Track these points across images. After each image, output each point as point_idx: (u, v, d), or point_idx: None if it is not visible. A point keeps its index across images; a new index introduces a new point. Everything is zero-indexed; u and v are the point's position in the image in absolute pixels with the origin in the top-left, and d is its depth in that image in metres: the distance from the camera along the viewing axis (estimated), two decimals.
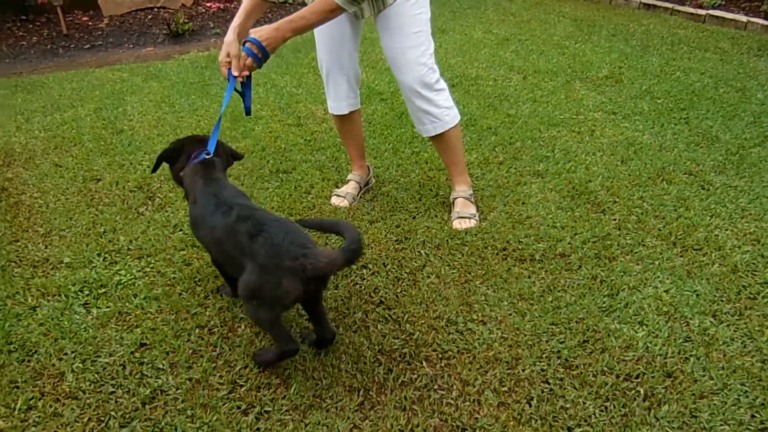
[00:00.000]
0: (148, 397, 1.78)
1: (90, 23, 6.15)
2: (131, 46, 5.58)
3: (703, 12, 5.85)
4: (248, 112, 2.25)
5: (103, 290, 2.24)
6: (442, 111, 2.50)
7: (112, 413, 1.73)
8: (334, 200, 2.82)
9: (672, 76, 4.36)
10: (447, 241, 2.51)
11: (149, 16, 6.31)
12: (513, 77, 4.44)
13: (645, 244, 2.46)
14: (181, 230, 2.61)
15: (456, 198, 2.69)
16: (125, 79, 4.58)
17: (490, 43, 5.31)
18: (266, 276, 1.67)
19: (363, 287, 2.26)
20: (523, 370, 1.85)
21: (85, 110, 3.92)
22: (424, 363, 1.89)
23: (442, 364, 1.89)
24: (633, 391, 1.77)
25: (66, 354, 1.94)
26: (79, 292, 2.22)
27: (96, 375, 1.86)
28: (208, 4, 6.64)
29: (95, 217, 2.72)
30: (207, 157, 2.03)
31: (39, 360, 1.92)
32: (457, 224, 2.60)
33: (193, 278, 2.30)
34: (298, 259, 1.63)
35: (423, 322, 2.07)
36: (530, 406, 1.73)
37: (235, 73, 2.12)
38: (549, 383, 1.80)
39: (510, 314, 2.09)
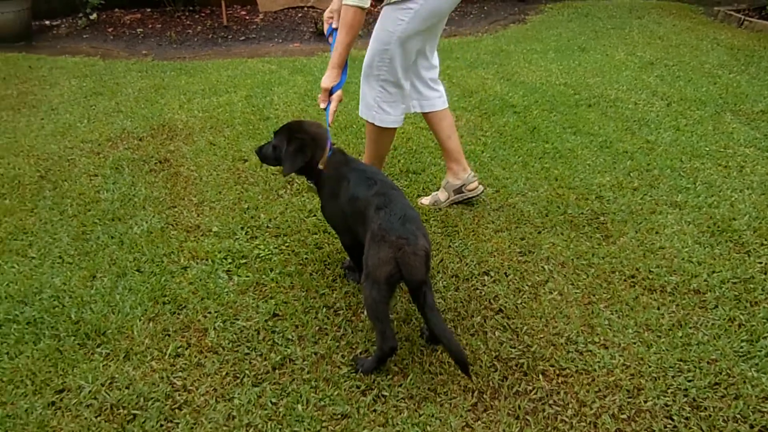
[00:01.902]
0: (278, 363, 1.93)
1: (247, 17, 6.67)
2: (280, 41, 5.98)
3: None
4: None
5: (244, 261, 2.45)
6: (372, 105, 2.66)
7: (246, 372, 1.89)
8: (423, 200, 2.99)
9: None
10: (572, 260, 2.48)
11: (299, 14, 6.73)
12: (655, 103, 4.25)
13: None
14: (314, 215, 2.78)
15: None
16: (273, 71, 4.92)
17: (632, 66, 5.11)
18: (373, 244, 1.84)
19: (483, 293, 2.29)
20: (645, 402, 1.79)
21: (238, 96, 4.26)
22: (540, 377, 1.89)
23: (559, 381, 1.88)
24: None
25: (210, 313, 2.16)
26: (223, 259, 2.45)
27: (234, 335, 2.05)
28: None
29: (241, 194, 2.96)
30: (334, 147, 2.22)
31: (187, 314, 2.15)
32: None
33: (323, 261, 2.45)
34: (401, 239, 1.79)
35: (542, 336, 2.06)
36: None
37: (323, 106, 2.42)
38: (673, 420, 1.73)
39: (634, 343, 2.03)
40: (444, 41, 5.97)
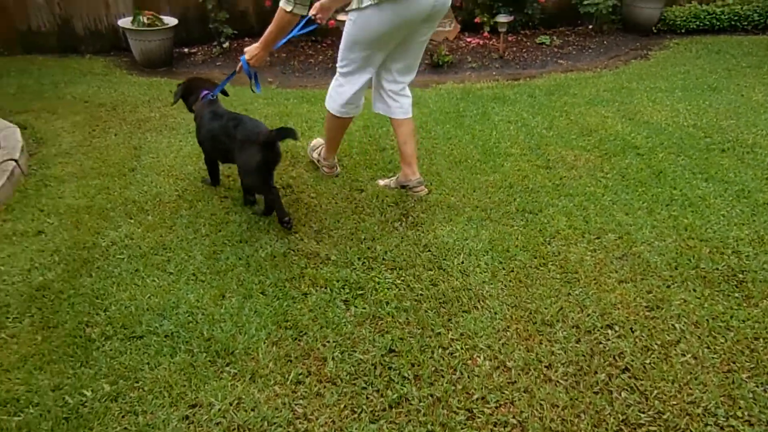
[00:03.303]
0: (394, 402, 1.94)
1: None
2: None
3: None
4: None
5: (361, 292, 2.50)
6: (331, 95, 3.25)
7: (364, 407, 1.91)
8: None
9: None
10: (707, 320, 2.30)
11: None
12: None
13: None
14: (429, 251, 2.79)
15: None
16: None
17: None
18: (242, 151, 2.81)
19: (607, 348, 2.18)
20: None
21: (356, 126, 4.39)
22: None
23: None
24: None
25: (329, 342, 2.21)
26: (341, 289, 2.51)
27: (352, 368, 2.08)
28: (469, 40, 7.01)
29: (357, 223, 3.03)
30: (211, 97, 3.15)
31: (308, 342, 2.21)
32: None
33: (438, 299, 2.45)
34: (256, 133, 2.79)
35: (675, 403, 1.92)
36: None
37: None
38: None
39: None
40: (560, 77, 5.85)
